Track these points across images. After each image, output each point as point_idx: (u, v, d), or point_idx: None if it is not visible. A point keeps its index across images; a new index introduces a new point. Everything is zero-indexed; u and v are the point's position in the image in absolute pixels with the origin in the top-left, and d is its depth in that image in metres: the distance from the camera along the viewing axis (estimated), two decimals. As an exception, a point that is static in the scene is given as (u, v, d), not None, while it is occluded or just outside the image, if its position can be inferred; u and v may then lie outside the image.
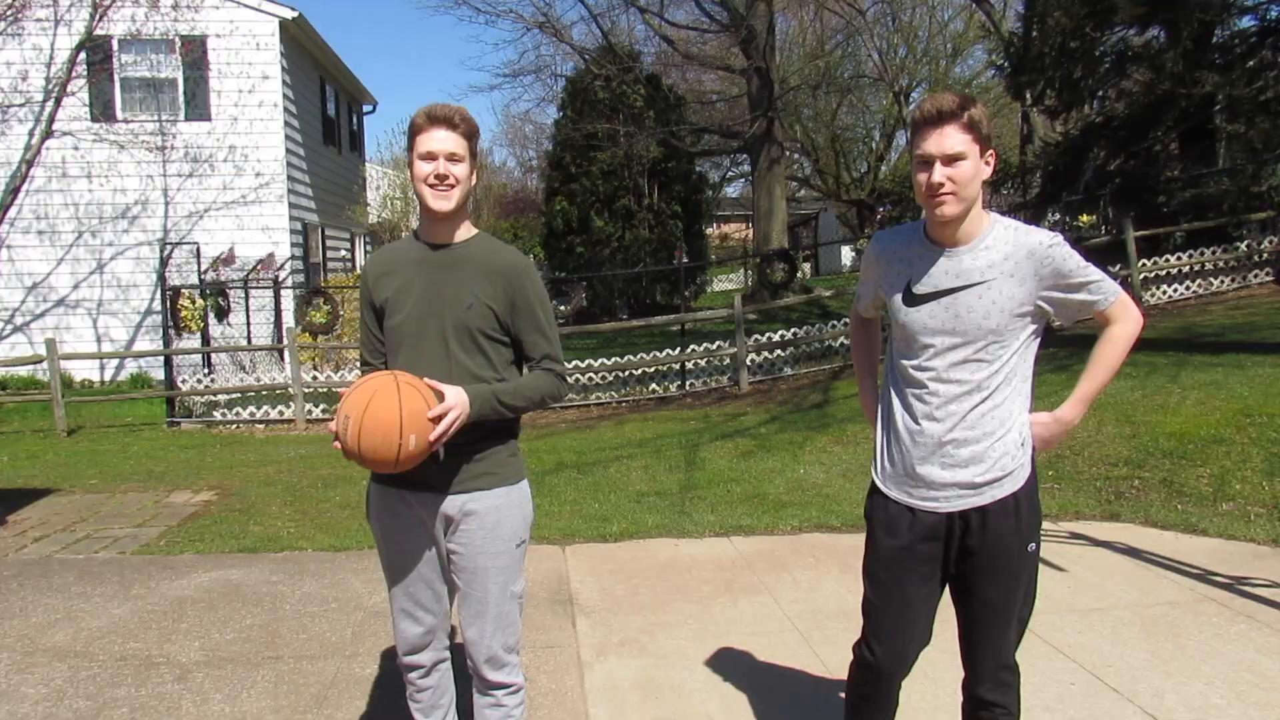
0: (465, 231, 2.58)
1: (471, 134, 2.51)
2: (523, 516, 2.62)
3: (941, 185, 2.25)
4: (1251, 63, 12.82)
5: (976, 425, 2.36)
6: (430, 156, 2.46)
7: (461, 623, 2.61)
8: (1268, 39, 13.00)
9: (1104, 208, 14.64)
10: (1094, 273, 2.35)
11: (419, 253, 2.57)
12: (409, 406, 2.30)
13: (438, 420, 2.33)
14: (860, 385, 2.80)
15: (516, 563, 2.60)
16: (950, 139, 2.24)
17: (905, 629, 2.53)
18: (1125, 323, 2.37)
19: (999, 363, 2.34)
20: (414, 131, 2.51)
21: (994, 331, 2.32)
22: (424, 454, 2.36)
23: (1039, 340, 2.41)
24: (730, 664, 3.92)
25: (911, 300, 2.40)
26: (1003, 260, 2.32)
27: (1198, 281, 13.02)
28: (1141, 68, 13.21)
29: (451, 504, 2.53)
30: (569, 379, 2.91)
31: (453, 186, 2.47)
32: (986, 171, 2.30)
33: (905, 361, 2.44)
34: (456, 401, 2.37)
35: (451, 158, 2.47)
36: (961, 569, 2.47)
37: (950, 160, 2.25)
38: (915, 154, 2.30)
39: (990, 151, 2.30)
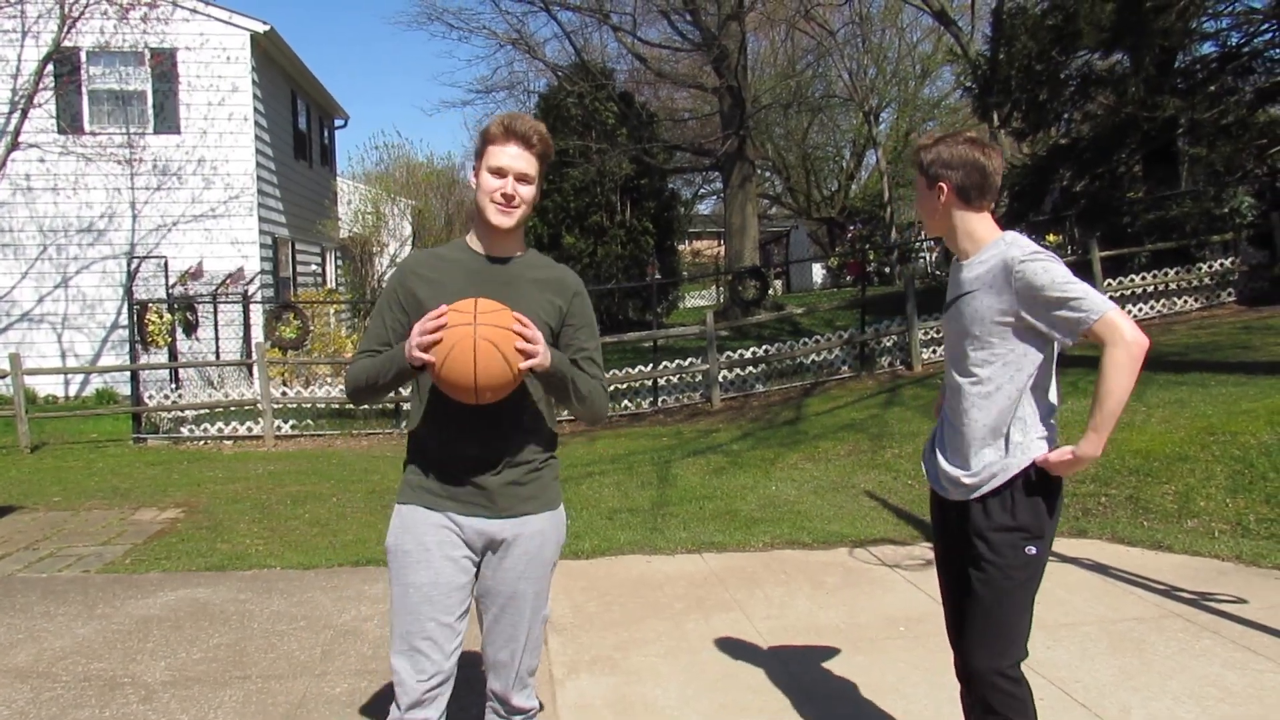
0: (520, 247, 2.51)
1: (545, 155, 2.43)
2: (559, 540, 2.58)
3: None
4: (1213, 88, 13.11)
5: (967, 426, 2.55)
6: (500, 173, 2.37)
7: (489, 649, 2.53)
8: (1228, 65, 13.31)
9: (1070, 228, 14.86)
10: (1076, 289, 2.37)
11: (474, 263, 2.47)
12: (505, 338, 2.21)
13: (526, 343, 2.22)
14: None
15: (549, 585, 2.57)
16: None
17: (950, 619, 2.75)
18: (1113, 346, 2.35)
19: (988, 368, 2.50)
20: (487, 139, 2.40)
21: (977, 339, 2.50)
22: (510, 384, 2.25)
23: (1045, 358, 2.49)
24: (703, 681, 3.91)
25: (944, 309, 2.70)
26: (986, 273, 2.49)
27: (1162, 301, 13.23)
28: (1106, 91, 13.45)
29: (500, 528, 2.45)
30: None
31: (517, 207, 2.40)
32: (940, 201, 2.57)
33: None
34: (542, 341, 2.27)
35: (522, 178, 2.38)
36: (960, 558, 2.63)
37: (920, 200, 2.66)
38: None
39: (940, 184, 2.55)
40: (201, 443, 12.18)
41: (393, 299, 2.48)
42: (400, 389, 2.54)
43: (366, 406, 12.34)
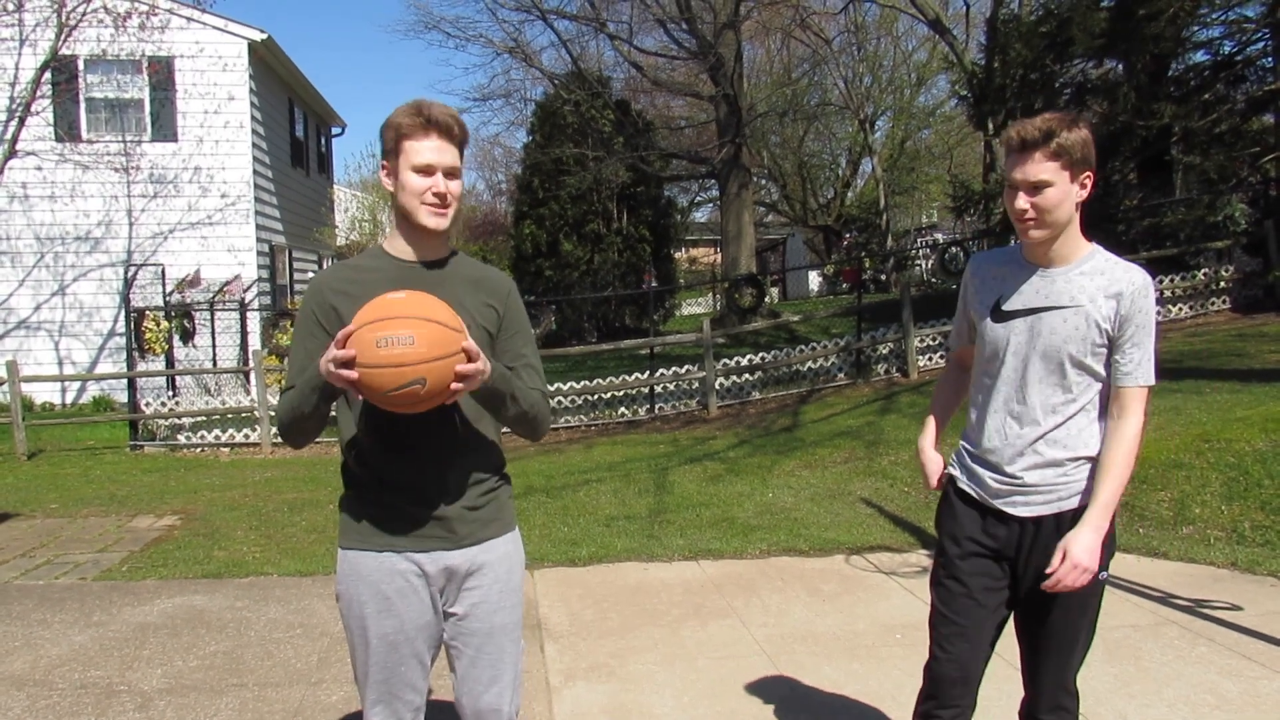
0: (445, 249, 2.28)
1: (465, 141, 2.21)
2: (522, 562, 2.38)
3: (1025, 211, 2.28)
4: (1206, 96, 13.16)
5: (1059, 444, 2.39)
6: (428, 170, 2.13)
7: (467, 697, 2.29)
8: (1221, 73, 13.37)
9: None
10: (1149, 345, 2.31)
11: (394, 270, 2.20)
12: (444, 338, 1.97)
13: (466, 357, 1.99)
14: (924, 427, 2.70)
15: (522, 613, 2.38)
16: (1034, 167, 2.25)
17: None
18: (1137, 416, 2.31)
19: (1076, 389, 2.35)
20: (401, 134, 2.13)
21: (1072, 357, 2.32)
22: (443, 395, 2.01)
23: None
24: (699, 688, 3.92)
25: (999, 317, 2.42)
26: (1095, 289, 2.31)
27: (1157, 309, 13.26)
28: (1099, 99, 13.51)
29: (462, 558, 2.23)
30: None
31: (449, 205, 2.17)
32: (1081, 194, 2.29)
33: (985, 378, 2.48)
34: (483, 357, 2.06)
35: (451, 173, 2.16)
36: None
37: (1034, 188, 2.26)
38: (1005, 177, 2.34)
39: (1087, 174, 2.27)
40: (198, 450, 12.17)
41: (310, 321, 2.20)
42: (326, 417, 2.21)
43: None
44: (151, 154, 15.91)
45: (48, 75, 14.37)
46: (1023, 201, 2.27)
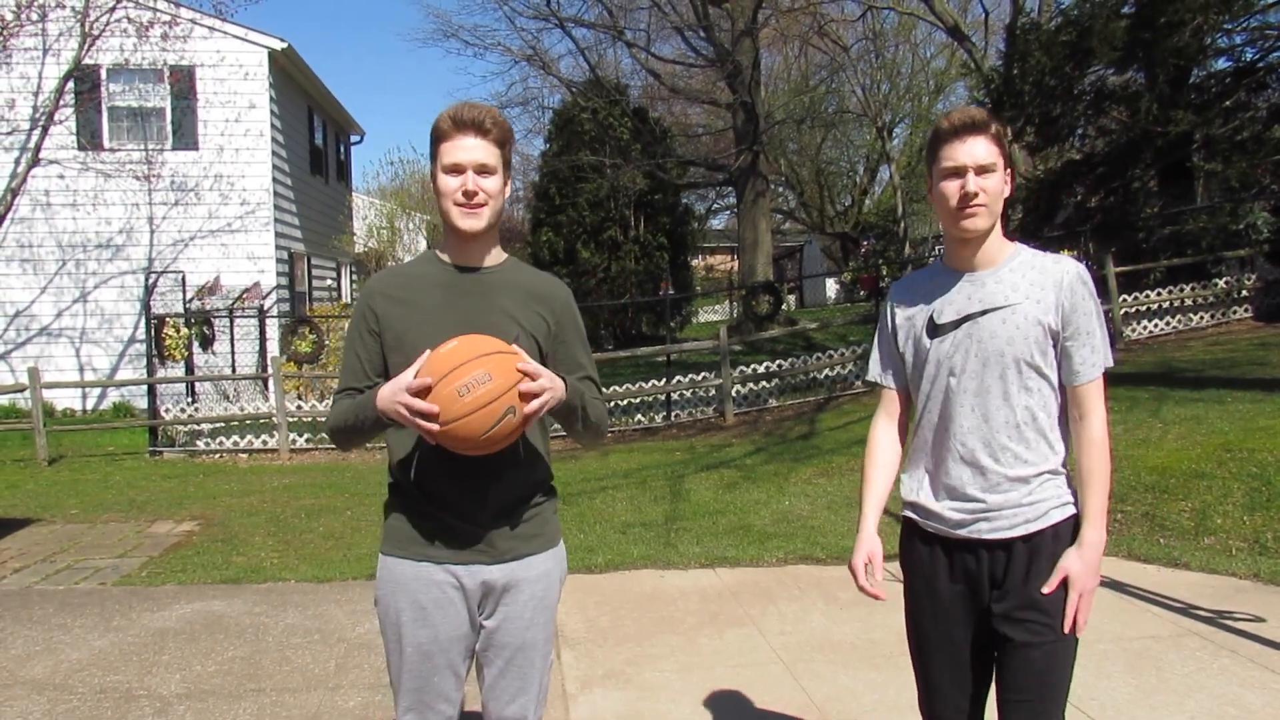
0: (496, 254, 2.27)
1: (504, 140, 2.17)
2: (563, 578, 2.36)
3: (975, 195, 2.14)
4: (1227, 103, 13.06)
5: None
6: (457, 169, 2.13)
7: (494, 704, 2.29)
8: (1243, 80, 13.26)
9: (1084, 243, 14.82)
10: (1100, 331, 2.18)
11: (442, 276, 2.21)
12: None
13: (531, 388, 2.00)
14: (864, 500, 2.49)
15: (555, 628, 2.38)
16: (982, 148, 2.14)
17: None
18: (1099, 413, 2.18)
19: (1029, 395, 2.19)
20: (437, 138, 2.15)
21: (1018, 359, 2.17)
22: (519, 430, 2.05)
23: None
24: (716, 697, 3.91)
25: (935, 332, 2.25)
26: (1028, 285, 2.18)
27: (1177, 317, 13.16)
28: (1119, 107, 13.44)
29: (500, 573, 2.21)
30: None
31: (483, 204, 2.15)
32: (1007, 190, 2.20)
33: (929, 402, 2.30)
34: (546, 374, 2.07)
35: (482, 170, 2.13)
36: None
37: (983, 170, 2.15)
38: (942, 167, 2.18)
39: (1009, 170, 2.21)
40: (217, 456, 12.24)
41: (361, 327, 2.22)
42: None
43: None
44: (173, 162, 16.05)
45: (71, 84, 14.51)
46: (973, 184, 2.13)
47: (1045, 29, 13.94)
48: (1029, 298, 2.16)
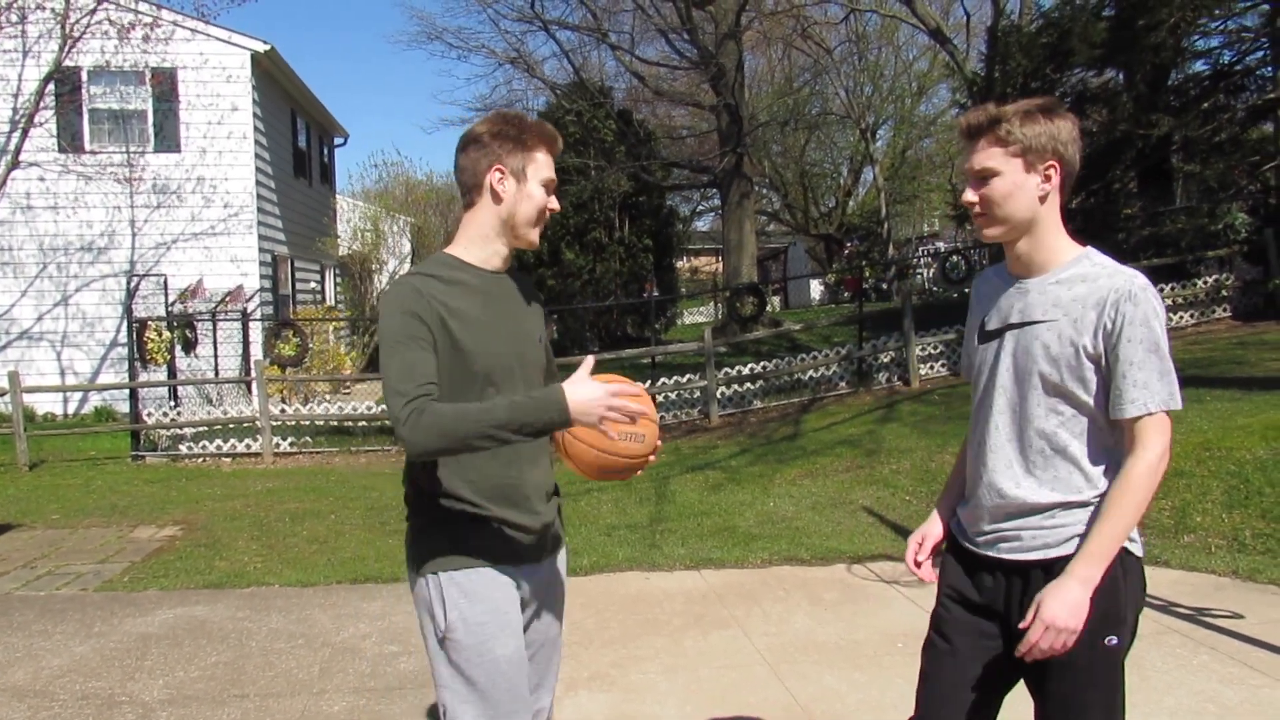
0: None
1: None
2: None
3: (973, 205, 2.02)
4: (1206, 105, 13.20)
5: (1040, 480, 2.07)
6: (551, 186, 2.18)
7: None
8: (1220, 82, 13.40)
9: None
10: (1155, 362, 1.93)
11: (480, 281, 2.15)
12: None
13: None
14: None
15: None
16: (979, 155, 1.99)
17: None
18: (1147, 451, 1.94)
19: (1060, 420, 2.01)
20: (534, 146, 2.14)
21: (1046, 381, 1.99)
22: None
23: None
24: (701, 698, 3.92)
25: (983, 337, 2.13)
26: (1070, 300, 1.97)
27: (1158, 317, 13.27)
28: (1100, 108, 13.54)
29: (544, 570, 2.28)
30: None
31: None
32: (1046, 188, 1.98)
33: (973, 408, 2.20)
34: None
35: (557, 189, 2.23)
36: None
37: (982, 176, 1.99)
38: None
39: (1050, 164, 1.97)
40: (200, 460, 12.17)
41: (420, 328, 2.02)
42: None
43: (365, 424, 12.36)
44: (155, 165, 15.95)
45: (51, 86, 14.42)
46: (970, 194, 2.01)
47: (1026, 31, 14.06)
48: (1067, 315, 1.96)
